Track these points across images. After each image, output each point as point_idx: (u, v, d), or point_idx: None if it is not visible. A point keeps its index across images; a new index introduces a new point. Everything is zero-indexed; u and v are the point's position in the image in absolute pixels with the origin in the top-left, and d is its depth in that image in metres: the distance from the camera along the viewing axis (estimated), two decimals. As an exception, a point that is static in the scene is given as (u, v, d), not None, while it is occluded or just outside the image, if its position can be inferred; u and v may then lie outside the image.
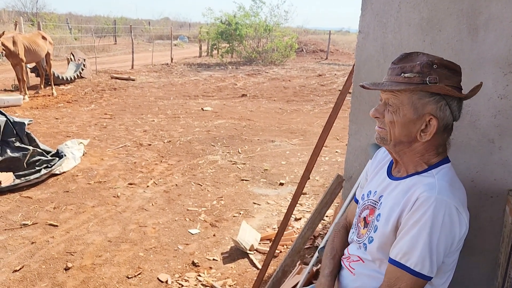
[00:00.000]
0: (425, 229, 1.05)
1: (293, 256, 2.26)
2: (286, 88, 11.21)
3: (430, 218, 1.05)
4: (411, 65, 1.13)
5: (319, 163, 5.11)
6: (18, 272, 2.78)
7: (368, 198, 1.32)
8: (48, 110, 7.66)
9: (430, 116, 1.13)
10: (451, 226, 1.06)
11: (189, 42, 29.00)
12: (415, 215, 1.08)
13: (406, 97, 1.14)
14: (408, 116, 1.14)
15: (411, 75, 1.11)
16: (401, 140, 1.17)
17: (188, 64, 16.36)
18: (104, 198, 3.99)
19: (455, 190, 1.12)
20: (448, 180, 1.13)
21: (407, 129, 1.15)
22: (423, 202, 1.07)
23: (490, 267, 1.64)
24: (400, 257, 1.09)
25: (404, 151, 1.19)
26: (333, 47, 22.90)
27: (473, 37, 1.54)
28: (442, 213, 1.05)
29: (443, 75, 1.11)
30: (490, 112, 1.55)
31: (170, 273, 2.85)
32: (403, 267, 1.09)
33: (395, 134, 1.17)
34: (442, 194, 1.07)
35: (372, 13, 1.75)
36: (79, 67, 11.00)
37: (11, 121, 4.61)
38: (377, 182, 1.31)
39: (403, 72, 1.13)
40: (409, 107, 1.14)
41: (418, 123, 1.14)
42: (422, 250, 1.06)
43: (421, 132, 1.15)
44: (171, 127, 6.73)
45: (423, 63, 1.11)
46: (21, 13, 25.13)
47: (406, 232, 1.09)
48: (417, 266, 1.07)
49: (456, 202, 1.08)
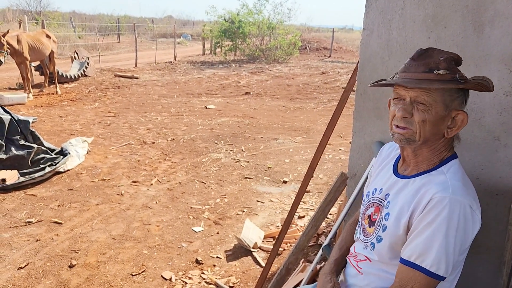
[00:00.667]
0: (441, 230, 1.05)
1: (297, 254, 2.26)
2: (290, 86, 11.19)
3: (446, 219, 1.05)
4: (434, 60, 1.11)
5: (323, 161, 5.10)
6: (23, 270, 2.79)
7: (373, 195, 1.31)
8: (52, 108, 7.69)
9: (457, 111, 1.14)
10: (466, 226, 1.06)
11: (193, 40, 29.00)
12: (429, 215, 1.07)
13: (439, 95, 1.12)
14: (439, 113, 1.13)
15: (443, 72, 1.09)
16: (430, 138, 1.16)
17: (192, 62, 16.37)
18: (108, 196, 4.00)
19: (467, 187, 1.12)
20: (459, 178, 1.13)
21: (437, 126, 1.14)
22: (437, 202, 1.07)
23: (495, 265, 1.63)
24: (415, 258, 1.08)
25: (424, 150, 1.18)
26: (337, 45, 22.84)
27: (479, 33, 1.53)
28: (457, 214, 1.05)
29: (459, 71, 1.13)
30: (496, 109, 1.54)
31: (174, 270, 2.86)
32: (418, 268, 1.08)
33: (425, 133, 1.14)
34: (456, 194, 1.07)
35: (376, 10, 1.74)
36: (83, 66, 11.03)
37: (16, 119, 4.64)
38: (382, 179, 1.31)
39: (430, 68, 1.11)
40: (441, 104, 1.12)
41: (446, 119, 1.14)
42: (438, 251, 1.05)
43: (448, 128, 1.15)
44: (174, 125, 6.74)
45: (446, 58, 1.11)
46: (25, 11, 25.22)
47: (420, 233, 1.08)
48: (433, 267, 1.06)
49: (470, 200, 1.08)
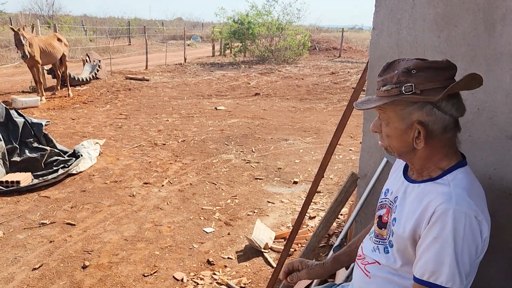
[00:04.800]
0: (449, 245, 1.02)
1: (308, 255, 2.26)
2: (299, 86, 11.17)
3: (451, 232, 1.02)
4: (391, 75, 1.10)
5: (333, 161, 5.08)
6: (37, 270, 2.83)
7: (385, 196, 1.30)
8: (65, 111, 7.79)
9: (417, 123, 1.09)
10: (473, 237, 1.03)
11: (202, 41, 29.14)
12: (435, 229, 1.05)
13: (391, 110, 1.12)
14: (399, 127, 1.12)
15: (389, 87, 1.09)
16: (403, 151, 1.16)
17: (202, 63, 16.44)
18: (120, 197, 4.04)
19: (473, 196, 1.07)
20: (464, 187, 1.08)
21: (403, 140, 1.13)
22: (441, 215, 1.04)
23: (508, 265, 1.61)
24: (428, 276, 1.06)
25: (413, 159, 1.17)
26: (346, 45, 22.74)
27: (490, 32, 1.51)
28: (462, 226, 1.02)
29: (423, 78, 1.06)
30: (508, 108, 1.52)
31: (186, 271, 2.87)
32: (434, 286, 1.05)
33: (394, 146, 1.17)
34: (460, 205, 1.03)
35: (386, 9, 1.73)
36: (94, 68, 11.16)
37: (29, 122, 4.71)
38: (394, 181, 1.30)
39: (384, 85, 1.11)
40: (397, 119, 1.12)
41: (410, 132, 1.11)
42: (451, 266, 1.03)
43: (416, 139, 1.12)
44: (185, 126, 6.78)
45: (399, 72, 1.08)
46: (38, 16, 25.62)
47: (427, 248, 1.06)
48: (448, 283, 1.04)
49: (475, 210, 1.04)
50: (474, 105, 1.57)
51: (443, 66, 1.08)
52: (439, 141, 1.12)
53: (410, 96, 1.07)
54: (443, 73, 1.08)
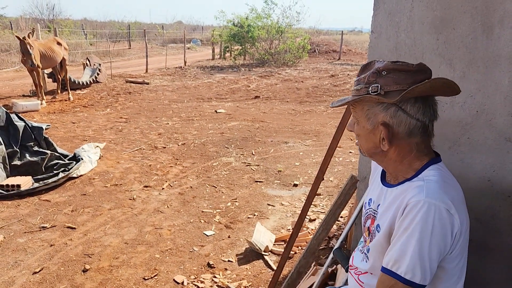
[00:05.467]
0: (414, 236, 1.01)
1: (308, 257, 2.26)
2: (299, 89, 11.19)
3: (419, 224, 1.01)
4: (363, 76, 1.13)
5: (333, 163, 5.08)
6: (37, 274, 2.83)
7: (369, 206, 1.29)
8: (65, 114, 7.80)
9: (381, 124, 1.10)
10: (442, 230, 1.02)
11: (202, 45, 29.19)
12: (405, 221, 1.04)
13: (359, 110, 1.14)
14: (366, 127, 1.14)
15: (359, 87, 1.12)
16: (372, 152, 1.17)
17: (201, 67, 16.47)
18: (120, 200, 4.05)
19: (447, 189, 1.07)
20: (437, 180, 1.07)
21: (371, 140, 1.15)
22: (412, 207, 1.03)
23: (508, 267, 1.61)
24: (391, 264, 1.06)
25: (385, 161, 1.18)
26: (346, 47, 22.77)
27: (488, 34, 1.52)
28: (431, 218, 1.01)
29: (391, 80, 1.07)
30: (507, 110, 1.52)
31: (186, 274, 2.87)
32: (394, 275, 1.05)
33: (364, 146, 1.19)
34: (430, 197, 1.02)
35: (384, 13, 1.74)
36: (95, 72, 11.18)
37: (30, 126, 4.72)
38: (374, 189, 1.29)
39: (357, 84, 1.14)
40: (364, 118, 1.14)
41: (376, 133, 1.12)
42: (412, 257, 1.02)
43: (382, 141, 1.12)
44: (185, 129, 6.79)
45: (370, 73, 1.10)
46: (38, 20, 25.69)
47: (397, 240, 1.06)
48: (407, 274, 1.03)
49: (447, 203, 1.03)
50: (473, 107, 1.58)
51: (413, 70, 1.08)
52: (407, 145, 1.12)
53: (369, 96, 1.09)
54: (411, 77, 1.07)
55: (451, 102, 1.61)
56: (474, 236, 1.62)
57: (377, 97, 1.07)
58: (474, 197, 1.60)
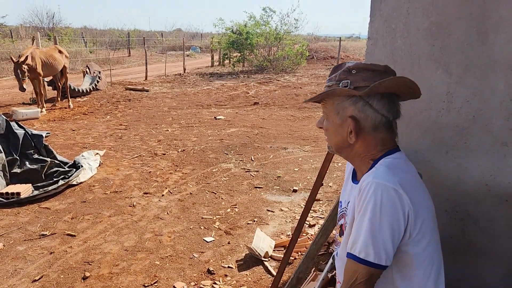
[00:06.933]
0: (366, 215, 1.05)
1: (308, 263, 2.26)
2: (298, 95, 11.23)
3: (369, 203, 1.05)
4: (335, 74, 1.19)
5: (332, 169, 5.09)
6: (37, 282, 2.83)
7: (342, 206, 1.33)
8: (65, 122, 7.82)
9: (350, 117, 1.16)
10: (393, 209, 1.04)
11: (201, 52, 29.30)
12: (359, 204, 1.09)
13: (329, 104, 1.20)
14: (335, 121, 1.19)
15: (331, 83, 1.19)
16: (340, 146, 1.22)
17: (201, 74, 16.52)
18: (120, 207, 4.05)
19: (395, 171, 1.10)
20: (387, 164, 1.13)
21: (339, 134, 1.20)
22: (363, 190, 1.08)
23: (506, 271, 1.62)
24: (351, 247, 1.09)
25: (351, 155, 1.22)
26: (344, 54, 22.87)
27: (483, 40, 1.54)
28: (379, 197, 1.04)
29: (360, 78, 1.14)
30: (503, 115, 1.54)
31: (186, 281, 2.87)
32: (352, 257, 1.07)
33: (332, 141, 1.23)
34: (377, 178, 1.07)
35: (381, 19, 1.76)
36: (95, 80, 11.22)
37: (30, 134, 4.73)
38: (346, 189, 1.33)
39: (329, 81, 1.20)
40: (334, 113, 1.19)
41: (344, 126, 1.17)
42: (364, 235, 1.05)
43: (350, 134, 1.17)
44: (184, 136, 6.80)
45: (341, 71, 1.17)
46: (38, 28, 25.80)
47: (355, 223, 1.10)
48: (361, 253, 1.05)
49: (394, 183, 1.06)
50: (470, 112, 1.59)
51: (380, 70, 1.16)
52: (372, 139, 1.17)
53: (340, 89, 1.15)
54: (378, 76, 1.14)
55: (447, 107, 1.63)
56: (472, 240, 1.63)
57: (347, 89, 1.14)
58: (471, 201, 1.61)
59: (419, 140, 1.69)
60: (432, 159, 1.67)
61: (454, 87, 1.60)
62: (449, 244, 1.64)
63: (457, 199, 1.64)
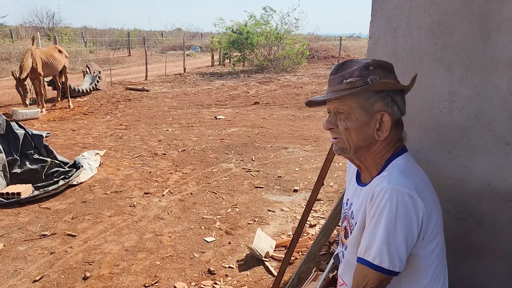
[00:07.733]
0: (381, 221, 1.04)
1: (309, 263, 2.26)
2: (298, 95, 11.22)
3: (384, 209, 1.04)
4: (349, 71, 1.15)
5: (333, 168, 5.08)
6: (38, 282, 2.82)
7: (346, 207, 1.32)
8: (65, 122, 7.82)
9: (381, 112, 1.13)
10: (407, 214, 1.04)
11: (201, 52, 29.29)
12: (372, 209, 1.08)
13: (354, 101, 1.14)
14: (360, 119, 1.15)
15: (353, 79, 1.13)
16: (360, 145, 1.18)
17: (201, 73, 16.51)
18: (120, 207, 4.04)
19: (409, 176, 1.10)
20: (400, 169, 1.12)
21: (363, 132, 1.16)
22: (377, 195, 1.07)
23: (508, 271, 1.61)
24: (363, 252, 1.08)
25: (365, 156, 1.20)
26: (344, 53, 22.85)
27: (486, 39, 1.53)
28: (395, 203, 1.03)
29: (381, 74, 1.13)
30: (505, 114, 1.53)
31: (187, 281, 2.87)
32: (365, 262, 1.07)
33: (353, 140, 1.17)
34: (392, 183, 1.06)
35: (382, 18, 1.75)
36: (95, 80, 11.21)
37: (30, 134, 4.73)
38: (350, 190, 1.31)
39: (344, 79, 1.15)
40: (359, 110, 1.14)
41: (372, 123, 1.15)
42: (379, 242, 1.04)
43: (377, 131, 1.15)
44: (185, 136, 6.80)
45: (360, 66, 1.13)
46: (38, 28, 25.80)
47: (367, 228, 1.09)
48: (376, 259, 1.04)
49: (409, 188, 1.05)
50: (472, 111, 1.59)
51: (392, 68, 1.20)
52: (393, 135, 1.17)
53: (384, 81, 1.12)
54: (392, 73, 1.18)
55: (450, 106, 1.62)
56: (474, 240, 1.62)
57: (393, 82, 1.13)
58: (474, 201, 1.60)
59: (421, 139, 1.68)
60: (434, 159, 1.66)
61: (456, 86, 1.59)
62: (451, 244, 1.63)
63: (460, 198, 1.63)
